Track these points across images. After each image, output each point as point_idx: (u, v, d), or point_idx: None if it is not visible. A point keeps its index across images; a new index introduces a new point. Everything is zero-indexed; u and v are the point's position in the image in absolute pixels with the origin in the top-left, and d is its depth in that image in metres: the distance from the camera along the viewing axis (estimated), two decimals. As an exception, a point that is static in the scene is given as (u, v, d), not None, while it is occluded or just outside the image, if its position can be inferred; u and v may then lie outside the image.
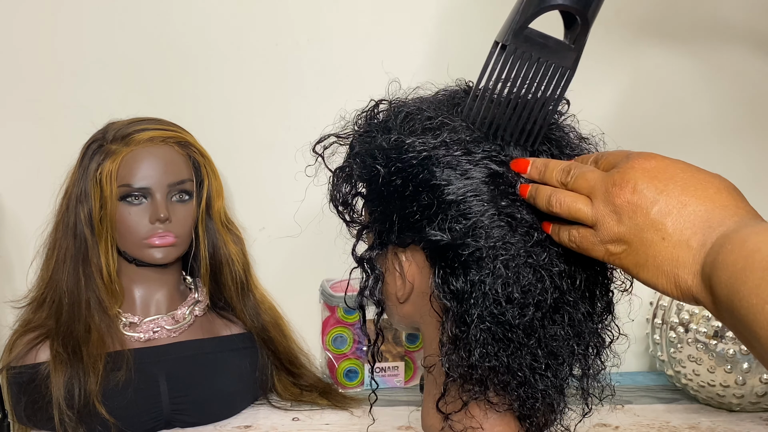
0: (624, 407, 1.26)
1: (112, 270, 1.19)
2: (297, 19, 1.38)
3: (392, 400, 1.29)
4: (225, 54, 1.38)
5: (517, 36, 0.62)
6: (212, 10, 1.37)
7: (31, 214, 1.28)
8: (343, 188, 0.67)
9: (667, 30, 1.40)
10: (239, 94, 1.40)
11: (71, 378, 1.11)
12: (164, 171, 1.18)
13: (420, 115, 0.64)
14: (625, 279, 0.67)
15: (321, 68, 1.39)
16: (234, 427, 1.22)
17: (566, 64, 0.63)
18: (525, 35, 0.62)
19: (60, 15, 1.36)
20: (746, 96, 1.42)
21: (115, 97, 1.36)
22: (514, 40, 0.62)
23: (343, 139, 0.70)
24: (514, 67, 0.63)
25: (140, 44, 1.37)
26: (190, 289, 1.29)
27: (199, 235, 1.25)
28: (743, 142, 1.43)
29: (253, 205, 1.41)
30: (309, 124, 0.95)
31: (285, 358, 1.30)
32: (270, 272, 1.40)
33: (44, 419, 1.13)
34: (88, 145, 1.20)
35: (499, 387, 0.63)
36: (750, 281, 0.48)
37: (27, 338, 1.18)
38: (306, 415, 1.25)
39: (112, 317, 1.19)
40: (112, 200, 1.17)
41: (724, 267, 0.50)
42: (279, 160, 1.31)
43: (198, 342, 1.24)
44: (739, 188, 0.57)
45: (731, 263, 0.50)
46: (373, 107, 0.69)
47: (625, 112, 1.41)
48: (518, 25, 0.61)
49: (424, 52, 1.37)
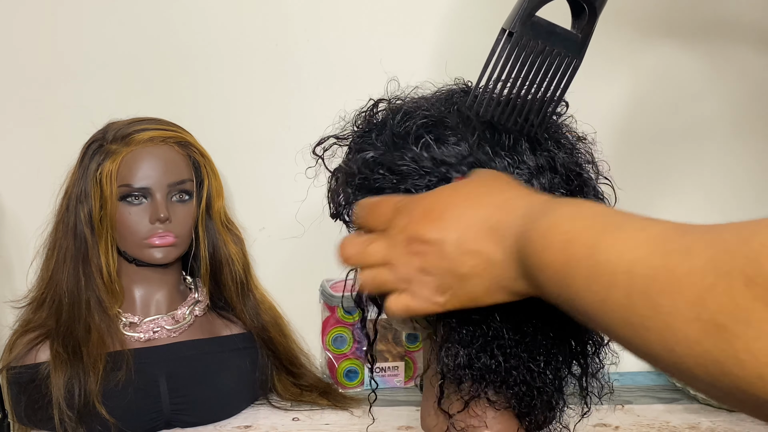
0: (624, 407, 1.26)
1: (112, 270, 1.19)
2: (297, 19, 1.38)
3: (392, 400, 1.29)
4: (225, 54, 1.38)
5: (525, 23, 0.62)
6: (212, 10, 1.37)
7: (31, 214, 1.28)
8: (341, 190, 0.67)
9: (668, 28, 1.40)
10: (239, 94, 1.40)
11: (71, 378, 1.11)
12: (164, 171, 1.18)
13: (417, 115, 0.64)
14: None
15: (321, 68, 1.39)
16: (234, 427, 1.21)
17: (573, 54, 0.63)
18: (532, 22, 0.62)
19: (60, 15, 1.36)
20: (749, 95, 1.42)
21: (115, 97, 1.36)
22: (521, 27, 0.62)
23: (343, 140, 0.70)
24: (520, 55, 0.62)
25: (140, 44, 1.37)
26: (190, 289, 1.29)
27: (199, 235, 1.25)
28: (746, 141, 1.43)
29: (253, 205, 1.41)
30: (309, 123, 0.95)
31: (285, 358, 1.30)
32: (270, 272, 1.40)
33: (44, 419, 1.13)
34: (88, 145, 1.20)
35: (497, 384, 0.63)
36: (578, 278, 0.47)
37: (27, 338, 1.18)
38: (306, 415, 1.25)
39: (112, 317, 1.19)
40: (112, 200, 1.17)
41: (546, 267, 0.49)
42: (279, 160, 1.31)
43: (198, 342, 1.24)
44: (740, 187, 0.57)
45: (550, 263, 0.49)
46: (372, 107, 0.69)
47: (626, 111, 1.41)
48: (526, 13, 0.61)
49: (424, 51, 1.37)
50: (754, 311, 0.37)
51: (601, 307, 0.45)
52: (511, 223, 0.53)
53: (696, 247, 0.41)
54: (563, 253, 0.48)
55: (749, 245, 0.38)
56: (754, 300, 0.37)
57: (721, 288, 0.38)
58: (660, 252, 0.42)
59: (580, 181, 0.65)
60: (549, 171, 0.63)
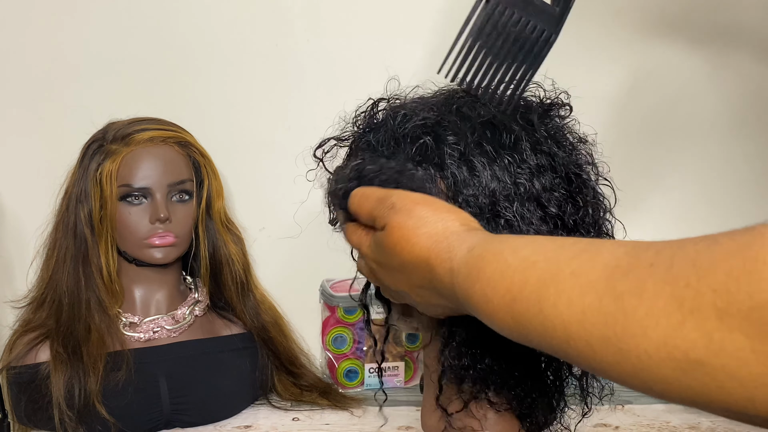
0: (624, 407, 1.26)
1: (112, 270, 1.19)
2: (297, 19, 1.38)
3: (392, 400, 1.28)
4: (225, 54, 1.38)
5: None
6: (212, 10, 1.37)
7: (31, 214, 1.28)
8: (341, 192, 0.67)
9: (668, 29, 1.40)
10: (239, 94, 1.40)
11: (71, 378, 1.11)
12: (164, 171, 1.18)
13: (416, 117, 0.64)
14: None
15: (321, 68, 1.39)
16: (234, 427, 1.21)
17: (549, 28, 0.62)
18: None
19: (60, 15, 1.36)
20: (748, 95, 1.42)
21: (116, 97, 1.36)
22: None
23: (343, 141, 0.70)
24: (496, 23, 0.62)
25: (140, 44, 1.37)
26: (190, 289, 1.29)
27: (199, 235, 1.25)
28: (744, 141, 1.43)
29: (253, 205, 1.41)
30: (309, 123, 0.95)
31: (285, 358, 1.30)
32: (270, 272, 1.40)
33: (44, 419, 1.13)
34: (88, 145, 1.20)
35: (498, 386, 0.63)
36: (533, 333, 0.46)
37: (27, 338, 1.18)
38: (306, 415, 1.25)
39: (112, 317, 1.19)
40: (112, 200, 1.17)
41: (495, 322, 0.49)
42: (279, 160, 1.31)
43: (198, 342, 1.24)
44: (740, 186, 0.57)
45: (500, 321, 0.48)
46: (371, 107, 0.69)
47: (625, 111, 1.41)
48: None
49: (424, 51, 1.37)
50: (733, 342, 0.35)
51: (565, 356, 0.44)
52: (444, 279, 0.52)
53: (649, 286, 0.39)
54: (510, 313, 0.47)
55: (713, 277, 0.37)
56: (730, 332, 0.36)
57: (690, 325, 0.37)
58: (610, 296, 0.41)
59: (580, 181, 0.65)
60: (549, 171, 0.63)
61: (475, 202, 0.61)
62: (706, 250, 0.38)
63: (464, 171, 0.61)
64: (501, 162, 0.62)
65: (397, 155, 0.63)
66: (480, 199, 0.61)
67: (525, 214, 0.62)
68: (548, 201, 0.62)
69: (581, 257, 0.44)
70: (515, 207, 0.61)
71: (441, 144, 0.62)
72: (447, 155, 0.62)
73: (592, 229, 0.65)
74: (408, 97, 0.68)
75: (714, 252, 0.37)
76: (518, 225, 0.61)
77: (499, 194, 0.61)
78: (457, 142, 0.62)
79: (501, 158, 0.62)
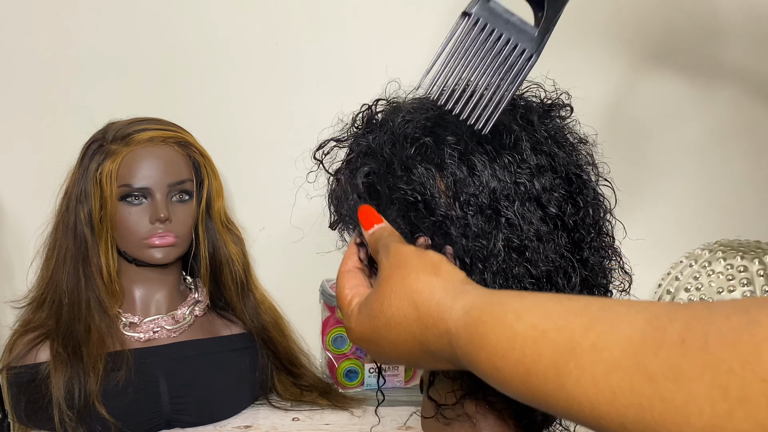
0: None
1: (112, 270, 1.19)
2: (297, 20, 1.38)
3: (392, 400, 1.29)
4: (225, 54, 1.38)
5: (482, 6, 0.61)
6: (212, 10, 1.37)
7: (31, 214, 1.28)
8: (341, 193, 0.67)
9: (668, 29, 1.40)
10: (239, 94, 1.40)
11: (71, 378, 1.11)
12: (164, 171, 1.18)
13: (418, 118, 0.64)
14: (624, 279, 0.67)
15: (321, 68, 1.39)
16: (234, 427, 1.22)
17: (529, 48, 0.62)
18: (490, 7, 0.61)
19: (60, 15, 1.36)
20: (744, 101, 1.42)
21: (116, 97, 1.36)
22: (479, 9, 0.61)
23: (343, 142, 0.70)
24: (476, 40, 0.62)
25: (141, 45, 1.37)
26: (190, 289, 1.29)
27: (199, 235, 1.25)
28: (744, 141, 1.43)
29: (253, 205, 1.41)
30: (309, 123, 0.95)
31: (285, 358, 1.30)
32: (270, 272, 1.40)
33: (44, 419, 1.13)
34: (88, 145, 1.21)
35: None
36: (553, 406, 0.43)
37: (27, 338, 1.18)
38: (306, 415, 1.25)
39: (112, 317, 1.19)
40: (112, 200, 1.17)
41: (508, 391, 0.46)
42: (279, 160, 1.31)
43: (198, 342, 1.24)
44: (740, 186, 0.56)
45: (514, 391, 0.46)
46: (370, 107, 0.69)
47: (625, 111, 1.41)
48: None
49: (425, 51, 1.37)
50: None
51: (595, 427, 0.41)
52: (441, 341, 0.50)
53: (685, 368, 0.36)
54: (526, 385, 0.44)
55: (758, 365, 0.34)
56: None
57: (740, 416, 0.34)
58: (642, 376, 0.38)
59: (580, 182, 0.65)
60: (549, 171, 0.64)
61: (476, 201, 0.61)
62: (744, 331, 0.35)
63: (464, 170, 0.62)
64: (501, 161, 0.62)
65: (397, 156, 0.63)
66: (480, 198, 0.61)
67: (525, 213, 0.62)
68: (548, 201, 0.62)
69: (597, 328, 0.41)
70: (516, 206, 0.61)
71: (441, 144, 0.62)
72: (447, 155, 0.62)
73: (592, 230, 0.65)
74: (408, 98, 0.68)
75: (755, 335, 0.35)
76: (519, 224, 0.61)
77: (499, 193, 0.61)
78: (457, 142, 0.62)
79: (501, 158, 0.62)
